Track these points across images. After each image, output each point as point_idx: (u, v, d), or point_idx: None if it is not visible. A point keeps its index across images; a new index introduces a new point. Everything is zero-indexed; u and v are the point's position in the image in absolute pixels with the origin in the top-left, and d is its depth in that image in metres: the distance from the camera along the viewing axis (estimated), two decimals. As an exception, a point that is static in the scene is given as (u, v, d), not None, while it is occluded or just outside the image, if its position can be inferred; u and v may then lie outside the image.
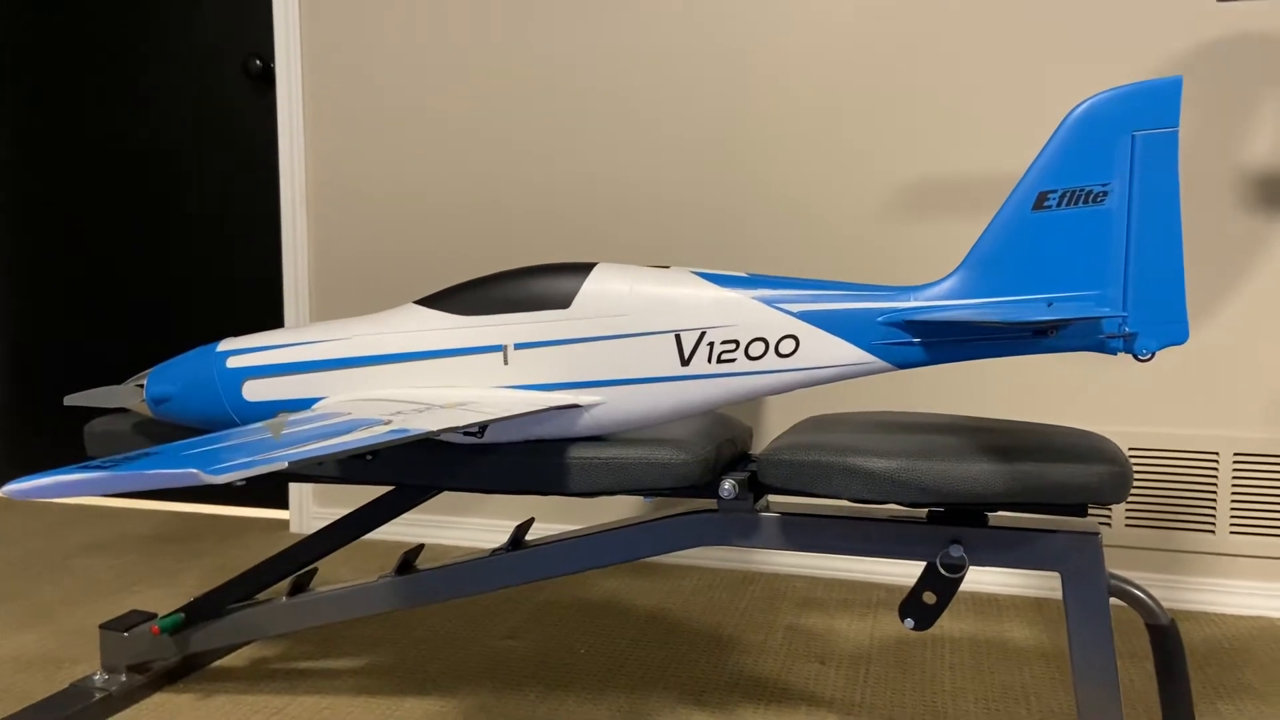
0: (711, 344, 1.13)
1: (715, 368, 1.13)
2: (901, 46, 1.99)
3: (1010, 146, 1.94)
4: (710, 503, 1.25)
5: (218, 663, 1.64)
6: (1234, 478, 1.87)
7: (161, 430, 1.41)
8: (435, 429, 0.88)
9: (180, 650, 1.50)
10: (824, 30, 2.03)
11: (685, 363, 1.13)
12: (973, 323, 1.04)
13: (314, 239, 2.44)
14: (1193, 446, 1.89)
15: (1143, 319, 1.03)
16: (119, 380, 2.71)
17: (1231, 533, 1.88)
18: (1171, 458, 1.90)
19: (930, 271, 1.98)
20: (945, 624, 1.81)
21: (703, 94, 2.12)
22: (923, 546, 1.18)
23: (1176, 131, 1.01)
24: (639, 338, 1.14)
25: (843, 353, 1.10)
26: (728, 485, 1.21)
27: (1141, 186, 1.02)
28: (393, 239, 2.37)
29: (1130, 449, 1.92)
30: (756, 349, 1.12)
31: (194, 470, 0.61)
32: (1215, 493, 1.88)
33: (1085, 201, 1.04)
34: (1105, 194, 1.03)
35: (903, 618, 1.21)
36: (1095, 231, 1.04)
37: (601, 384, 1.15)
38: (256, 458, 0.68)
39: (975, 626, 1.81)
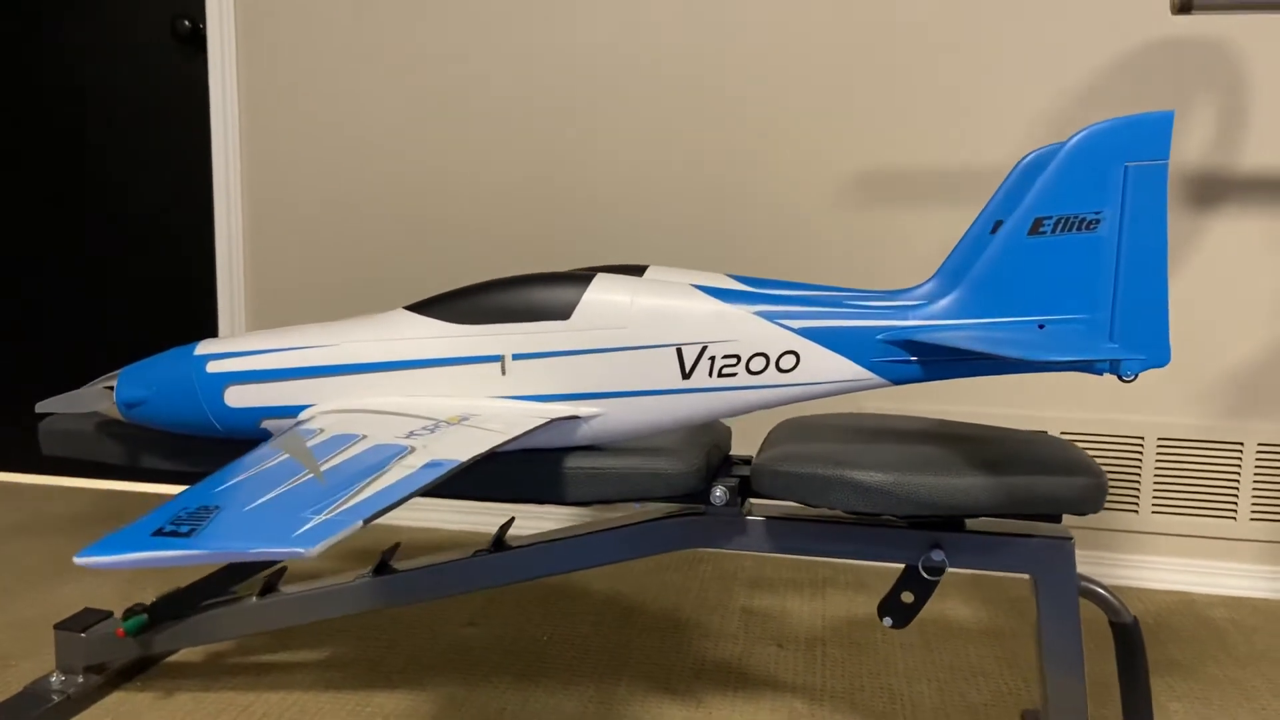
0: (713, 358, 1.14)
1: (716, 381, 1.14)
2: (869, 42, 2.01)
3: (974, 140, 1.99)
4: (697, 505, 1.27)
5: (174, 658, 1.60)
6: (1157, 461, 1.98)
7: (126, 431, 1.36)
8: (467, 459, 0.88)
9: (142, 650, 1.46)
10: (791, 25, 2.04)
11: (686, 376, 1.14)
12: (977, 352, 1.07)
13: (250, 225, 2.33)
14: (1120, 431, 1.99)
15: (1128, 343, 1.08)
16: (57, 381, 2.57)
17: (1153, 512, 1.99)
18: (1100, 441, 2.00)
19: (903, 259, 2.03)
20: (891, 603, 1.88)
21: (667, 91, 2.11)
22: (904, 550, 1.23)
23: (1166, 164, 1.06)
24: (640, 350, 1.14)
25: (842, 369, 1.13)
26: (719, 492, 1.24)
27: (1132, 215, 1.07)
28: (338, 225, 2.30)
29: (1062, 433, 2.01)
30: (758, 364, 1.14)
31: (299, 549, 0.60)
32: (1139, 475, 1.99)
33: (1078, 228, 1.08)
34: (1098, 222, 1.08)
35: (881, 616, 1.26)
36: (1087, 257, 1.08)
37: (602, 396, 1.16)
38: (331, 516, 0.67)
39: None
